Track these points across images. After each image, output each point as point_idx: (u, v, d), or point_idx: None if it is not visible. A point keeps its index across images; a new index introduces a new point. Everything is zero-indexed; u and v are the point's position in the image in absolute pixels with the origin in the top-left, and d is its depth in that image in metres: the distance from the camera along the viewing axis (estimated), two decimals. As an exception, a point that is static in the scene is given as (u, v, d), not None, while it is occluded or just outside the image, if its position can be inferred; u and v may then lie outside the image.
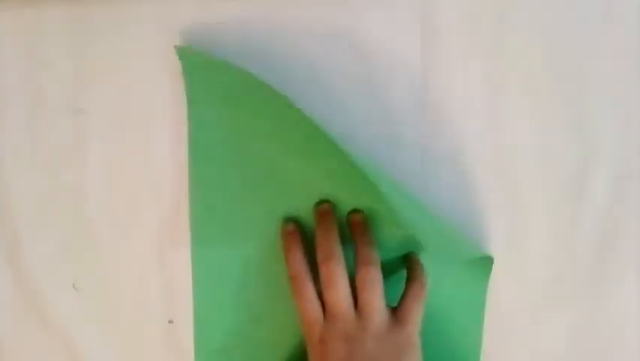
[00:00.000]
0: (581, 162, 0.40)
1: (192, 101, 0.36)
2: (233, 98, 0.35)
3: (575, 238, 0.40)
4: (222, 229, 0.38)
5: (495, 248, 0.40)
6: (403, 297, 0.35)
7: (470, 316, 0.40)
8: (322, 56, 0.38)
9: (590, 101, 0.39)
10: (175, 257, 0.38)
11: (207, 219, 0.38)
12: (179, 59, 0.34)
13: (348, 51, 0.38)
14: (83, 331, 0.39)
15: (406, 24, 0.37)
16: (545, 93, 0.39)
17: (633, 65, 0.39)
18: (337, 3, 0.36)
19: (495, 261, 0.40)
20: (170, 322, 0.39)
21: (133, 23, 0.35)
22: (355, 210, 0.38)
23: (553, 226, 0.40)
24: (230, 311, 0.39)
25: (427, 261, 0.38)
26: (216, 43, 0.37)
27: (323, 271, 0.34)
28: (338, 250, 0.35)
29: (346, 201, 0.38)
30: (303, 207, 0.38)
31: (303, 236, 0.37)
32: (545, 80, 0.39)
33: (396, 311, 0.34)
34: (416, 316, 0.35)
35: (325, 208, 0.37)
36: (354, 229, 0.37)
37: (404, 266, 0.38)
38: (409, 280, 0.36)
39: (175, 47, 0.34)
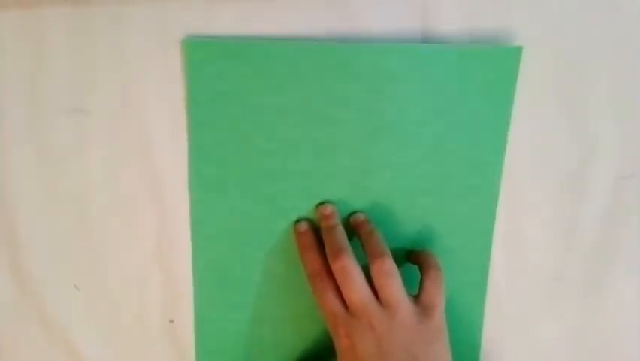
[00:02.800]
0: (581, 162, 0.40)
1: (193, 100, 0.36)
2: (237, 93, 0.35)
3: (575, 237, 0.40)
4: (222, 228, 0.38)
5: (495, 248, 0.40)
6: (423, 284, 0.35)
7: (469, 316, 0.40)
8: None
9: (590, 101, 0.39)
10: (175, 257, 0.38)
11: (207, 219, 0.38)
12: (185, 53, 0.34)
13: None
14: (84, 331, 0.39)
15: (406, 24, 0.37)
16: (545, 93, 0.39)
17: (633, 65, 0.39)
18: (338, 3, 0.36)
19: (495, 261, 0.40)
20: (171, 322, 0.39)
21: (133, 23, 0.35)
22: (354, 212, 0.38)
23: (553, 226, 0.40)
24: (230, 311, 0.39)
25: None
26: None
27: (336, 266, 0.34)
28: (346, 245, 0.35)
29: (347, 200, 0.38)
30: (304, 206, 0.38)
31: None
32: (545, 80, 0.39)
33: (419, 299, 0.34)
34: (440, 301, 0.35)
35: (327, 209, 0.37)
36: (359, 227, 0.37)
37: (407, 261, 0.38)
38: (425, 267, 0.36)
39: (182, 39, 0.34)
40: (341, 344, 0.34)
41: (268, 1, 0.35)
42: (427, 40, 0.37)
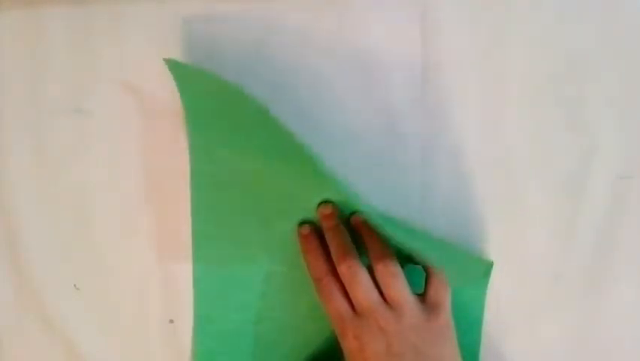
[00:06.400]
0: (581, 162, 0.40)
1: (188, 108, 0.36)
2: (225, 109, 0.35)
3: (575, 238, 0.40)
4: (223, 228, 0.38)
5: (495, 248, 0.40)
6: (429, 284, 0.35)
7: (469, 316, 0.40)
8: (322, 56, 0.38)
9: (590, 101, 0.39)
10: (175, 257, 0.38)
11: (208, 219, 0.38)
12: (170, 70, 0.34)
13: (349, 50, 0.38)
14: (83, 331, 0.39)
15: (406, 23, 0.37)
16: (545, 93, 0.39)
17: (633, 65, 0.39)
18: (337, 3, 0.36)
19: (495, 261, 0.40)
20: (171, 322, 0.39)
21: (133, 23, 0.35)
22: (354, 213, 0.38)
23: (553, 226, 0.40)
24: (230, 311, 0.39)
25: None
26: (217, 42, 0.37)
27: (342, 269, 0.34)
28: (351, 247, 0.35)
29: (348, 201, 0.38)
30: (304, 206, 0.38)
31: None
32: (545, 80, 0.39)
33: (425, 298, 0.34)
34: (447, 299, 0.35)
35: (328, 209, 0.37)
36: (360, 229, 0.37)
37: (409, 261, 0.38)
38: (429, 267, 0.36)
39: (164, 60, 0.33)
40: (349, 346, 0.33)
41: (268, 2, 0.35)
42: (426, 39, 0.37)
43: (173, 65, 0.34)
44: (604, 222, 0.40)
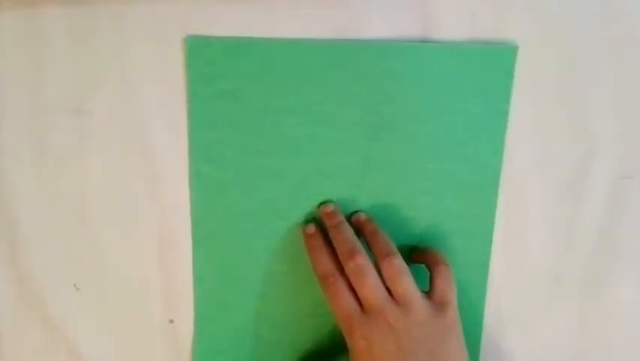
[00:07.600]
0: (581, 162, 0.40)
1: (194, 100, 0.36)
2: (238, 92, 0.35)
3: (575, 238, 0.40)
4: (223, 228, 0.38)
5: (495, 248, 0.40)
6: (434, 281, 0.35)
7: (470, 316, 0.40)
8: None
9: (590, 101, 0.39)
10: (176, 257, 0.38)
11: (208, 219, 0.38)
12: (186, 52, 0.35)
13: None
14: (83, 331, 0.39)
15: (406, 24, 0.37)
16: (545, 93, 0.39)
17: (633, 64, 0.39)
18: (337, 3, 0.36)
19: (495, 261, 0.40)
20: (171, 321, 0.39)
21: (133, 23, 0.35)
22: (356, 212, 0.38)
23: (553, 226, 0.40)
24: (230, 311, 0.39)
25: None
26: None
27: (350, 266, 0.34)
28: (358, 243, 0.35)
29: (347, 200, 0.38)
30: (305, 206, 0.38)
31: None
32: (545, 80, 0.39)
33: (431, 296, 0.34)
34: (452, 297, 0.35)
35: (329, 207, 0.37)
36: (363, 227, 0.37)
37: (411, 260, 0.38)
38: (433, 264, 0.36)
39: (184, 39, 0.34)
40: (357, 345, 0.33)
41: (268, 2, 0.35)
42: (426, 41, 0.37)
43: (193, 45, 0.35)
44: (604, 222, 0.40)
